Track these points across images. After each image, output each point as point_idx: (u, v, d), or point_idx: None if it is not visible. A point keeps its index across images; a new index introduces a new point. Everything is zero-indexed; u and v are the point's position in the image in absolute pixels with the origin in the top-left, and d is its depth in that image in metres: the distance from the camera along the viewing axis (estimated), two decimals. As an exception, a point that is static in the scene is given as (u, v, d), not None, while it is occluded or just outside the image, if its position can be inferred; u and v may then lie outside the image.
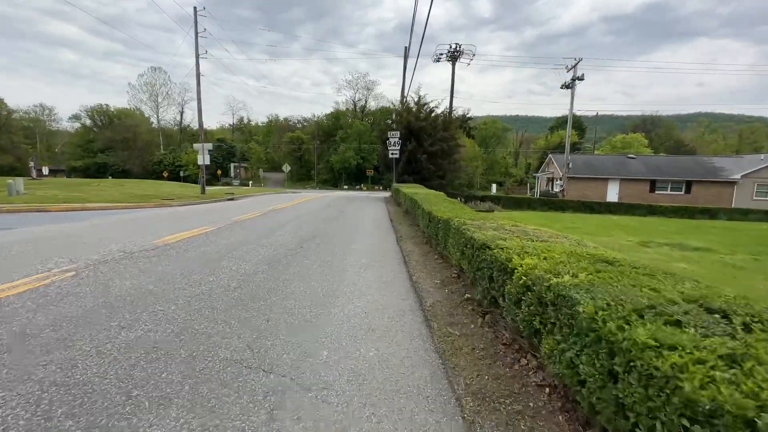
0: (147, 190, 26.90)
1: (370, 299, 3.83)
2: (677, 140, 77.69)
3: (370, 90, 68.31)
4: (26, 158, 65.87)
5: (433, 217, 6.32)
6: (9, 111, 75.12)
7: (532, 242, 3.24)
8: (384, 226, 9.68)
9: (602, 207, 21.99)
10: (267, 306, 3.50)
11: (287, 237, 7.23)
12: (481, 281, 3.19)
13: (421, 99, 21.92)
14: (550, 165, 38.07)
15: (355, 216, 11.74)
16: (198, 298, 3.61)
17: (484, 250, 3.16)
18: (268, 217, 10.46)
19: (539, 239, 3.41)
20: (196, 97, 26.89)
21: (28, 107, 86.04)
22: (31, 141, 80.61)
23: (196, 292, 3.78)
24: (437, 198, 9.88)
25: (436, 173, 20.46)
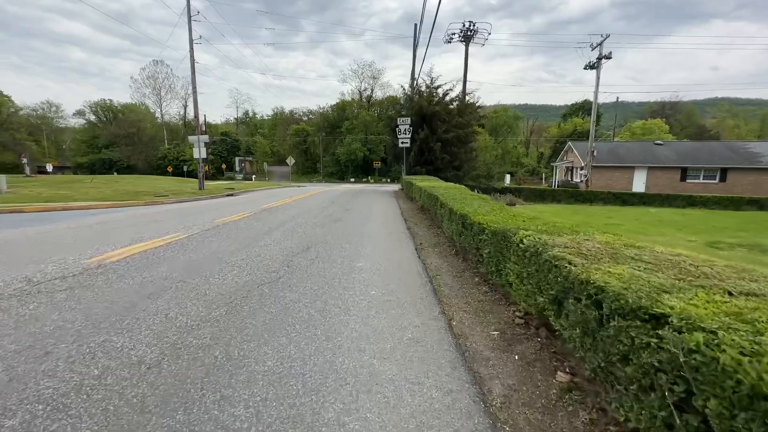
0: (142, 186, 25.55)
1: (388, 395, 2.08)
2: (699, 125, 74.03)
3: (377, 79, 66.02)
4: (29, 155, 65.39)
5: (469, 222, 4.54)
6: (16, 108, 74.93)
7: (733, 301, 1.47)
8: (397, 230, 7.91)
9: (635, 198, 19.89)
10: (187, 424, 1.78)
11: (272, 250, 5.51)
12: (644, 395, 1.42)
13: (433, 81, 20.05)
14: (570, 153, 35.74)
15: (361, 215, 9.99)
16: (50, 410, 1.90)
17: (657, 334, 1.37)
18: (258, 219, 8.76)
19: (741, 292, 1.61)
20: (193, 87, 25.24)
21: (35, 104, 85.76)
22: (34, 138, 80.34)
23: (56, 391, 2.07)
24: (462, 193, 8.07)
25: (452, 164, 18.54)
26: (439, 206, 7.09)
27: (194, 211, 10.45)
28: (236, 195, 20.38)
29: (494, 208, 5.39)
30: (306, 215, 9.49)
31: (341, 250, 5.60)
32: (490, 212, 4.82)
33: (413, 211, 11.15)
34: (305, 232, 7.03)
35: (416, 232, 7.61)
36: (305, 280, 4.06)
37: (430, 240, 6.82)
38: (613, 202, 19.70)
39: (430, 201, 8.32)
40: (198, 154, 23.04)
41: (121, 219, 8.80)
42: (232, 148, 73.55)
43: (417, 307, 3.44)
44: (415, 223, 8.90)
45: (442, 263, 5.15)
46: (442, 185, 10.68)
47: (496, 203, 6.13)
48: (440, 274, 4.62)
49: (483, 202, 6.25)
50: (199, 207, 12.09)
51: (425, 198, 9.16)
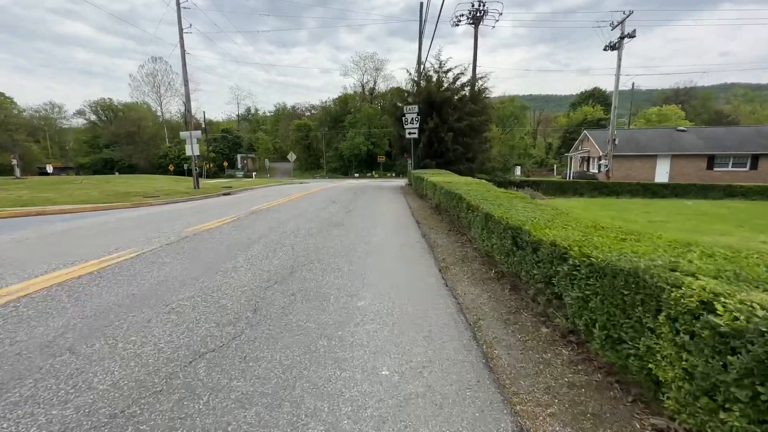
0: (135, 186, 24.24)
1: None
2: (717, 111, 71.10)
3: (379, 70, 64.07)
4: (29, 156, 64.72)
5: (529, 239, 2.95)
6: (19, 109, 74.37)
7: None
8: (410, 238, 6.34)
9: (666, 190, 18.06)
10: None
11: (240, 278, 3.98)
12: None
13: (442, 64, 18.19)
14: (585, 142, 33.75)
15: (366, 218, 8.43)
16: None
17: None
18: (240, 226, 7.24)
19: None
20: (184, 79, 23.77)
21: (38, 105, 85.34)
22: (36, 139, 79.88)
23: None
24: (489, 190, 6.48)
25: (465, 155, 16.78)
26: (465, 208, 5.49)
27: (174, 216, 8.97)
28: (233, 194, 19.07)
29: (553, 213, 3.80)
30: (299, 219, 7.94)
31: (337, 276, 4.04)
32: (554, 222, 3.24)
33: (425, 211, 9.56)
34: (293, 245, 5.48)
35: (434, 240, 6.03)
36: (273, 344, 2.51)
37: (455, 253, 5.24)
38: (642, 194, 17.92)
39: (450, 201, 6.73)
40: (191, 150, 21.61)
41: (89, 226, 7.36)
42: (234, 145, 72.39)
43: (467, 411, 1.87)
44: (430, 227, 7.31)
45: (481, 295, 3.57)
46: (459, 180, 9.07)
47: (549, 206, 4.53)
48: (483, 317, 3.04)
49: (528, 204, 4.66)
50: (184, 209, 10.65)
51: (442, 197, 7.56)
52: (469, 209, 5.17)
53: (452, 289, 3.71)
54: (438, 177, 10.54)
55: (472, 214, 5.03)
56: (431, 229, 7.10)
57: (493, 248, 3.93)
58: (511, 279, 3.77)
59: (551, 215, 3.61)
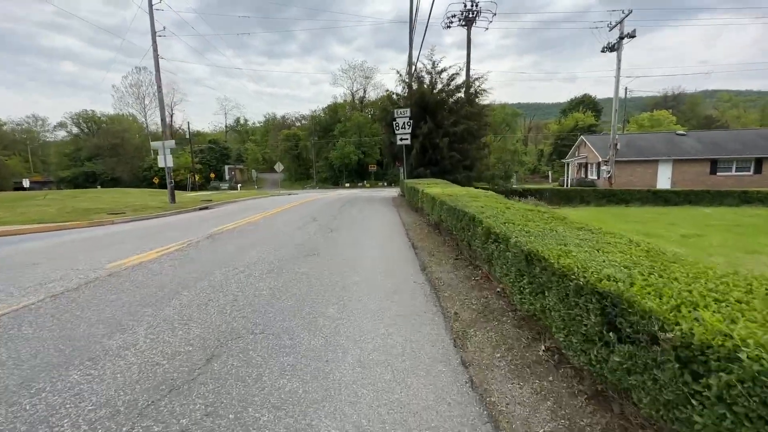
0: (103, 202, 22.38)
1: None
2: (706, 116, 71.43)
3: (369, 78, 63.06)
4: (5, 171, 62.07)
5: (676, 342, 1.34)
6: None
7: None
8: (405, 273, 4.76)
9: (678, 197, 16.78)
10: None
11: (109, 384, 2.30)
12: None
13: (435, 65, 16.39)
14: (583, 148, 32.71)
15: (348, 244, 6.80)
16: None
17: None
18: (184, 259, 5.57)
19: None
20: (158, 85, 22.14)
21: (20, 118, 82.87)
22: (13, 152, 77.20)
23: None
24: (506, 206, 4.93)
25: (462, 163, 15.13)
26: (482, 236, 3.91)
27: (115, 240, 7.27)
28: (211, 208, 17.43)
29: (644, 254, 2.25)
30: (266, 245, 6.29)
31: (285, 368, 2.40)
32: (670, 275, 1.68)
33: (422, 230, 7.98)
34: (237, 295, 3.82)
35: (438, 277, 4.44)
36: None
37: (471, 301, 3.64)
38: (653, 201, 16.63)
39: (456, 221, 5.15)
40: (163, 161, 19.82)
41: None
42: (222, 156, 70.56)
43: None
44: (430, 253, 5.72)
45: (535, 403, 1.96)
46: (462, 192, 7.51)
47: (612, 235, 2.98)
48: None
49: (579, 231, 3.12)
50: (138, 230, 9.00)
51: (444, 214, 5.98)
52: (491, 239, 3.59)
53: (485, 399, 2.09)
54: (436, 188, 8.99)
55: (495, 246, 3.45)
56: (431, 257, 5.51)
57: (550, 314, 2.34)
58: (575, 371, 2.18)
59: (648, 260, 2.06)
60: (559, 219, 3.93)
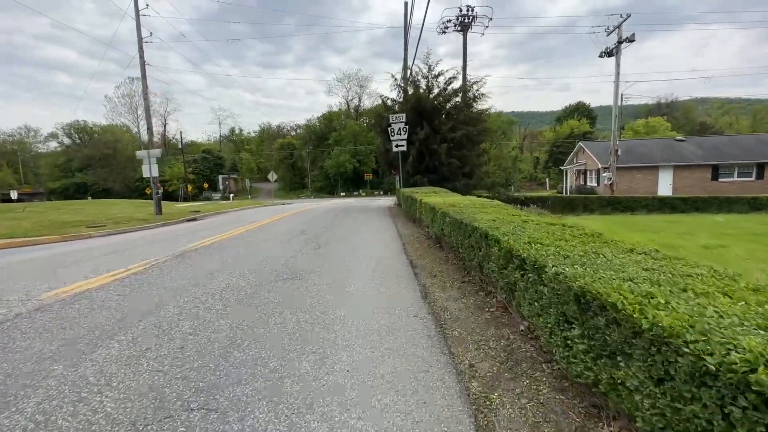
0: (86, 214, 21.46)
1: None
2: (701, 122, 71.79)
3: (364, 87, 62.76)
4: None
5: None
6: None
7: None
8: (402, 306, 3.94)
9: (685, 204, 16.13)
10: None
11: None
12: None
13: (432, 68, 15.58)
14: (581, 155, 32.22)
15: (337, 263, 5.97)
16: None
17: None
18: (139, 284, 4.71)
19: None
20: (144, 93, 21.42)
21: (12, 129, 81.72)
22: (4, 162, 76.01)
23: None
24: (522, 219, 4.15)
25: (461, 170, 14.31)
26: (501, 258, 3.10)
27: (78, 258, 6.40)
28: (199, 219, 16.61)
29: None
30: (239, 266, 5.43)
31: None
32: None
33: (421, 245, 7.16)
34: (186, 339, 2.95)
35: (443, 305, 3.62)
36: None
37: (488, 341, 2.82)
38: (659, 208, 15.97)
39: (463, 237, 4.34)
40: (148, 171, 18.93)
41: None
42: (216, 166, 69.71)
43: None
44: (431, 274, 4.91)
45: None
46: (465, 202, 6.72)
47: (677, 259, 2.18)
48: None
49: (641, 256, 2.32)
50: (111, 245, 8.21)
51: (448, 228, 5.16)
52: (513, 263, 2.77)
53: None
54: (435, 197, 8.21)
55: (520, 274, 2.64)
56: (433, 278, 4.68)
57: (630, 396, 1.51)
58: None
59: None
60: (595, 236, 3.13)
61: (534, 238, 2.97)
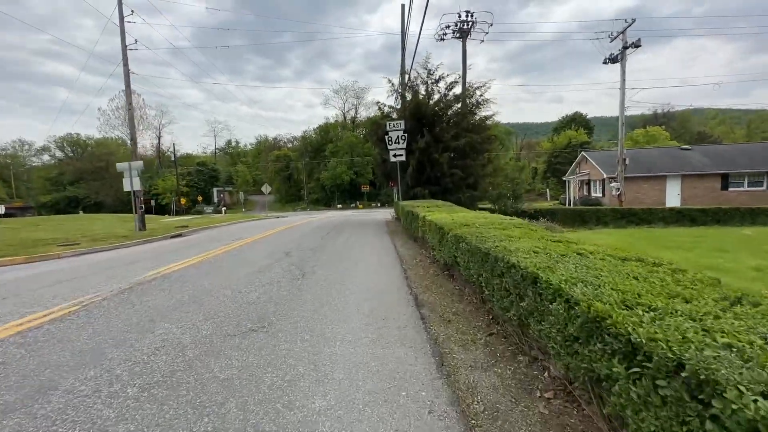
0: (64, 230, 20.27)
1: None
2: (700, 132, 71.62)
3: (360, 99, 62.21)
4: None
5: None
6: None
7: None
8: (409, 379, 2.72)
9: (706, 216, 15.02)
10: None
11: None
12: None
13: (431, 73, 14.34)
14: (584, 164, 31.31)
15: (322, 302, 4.76)
16: None
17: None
18: (56, 338, 3.46)
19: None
20: (127, 102, 20.41)
21: (6, 143, 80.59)
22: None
23: None
24: (572, 248, 2.96)
25: (465, 181, 13.16)
26: (575, 325, 1.89)
27: (5, 292, 5.11)
28: (185, 235, 15.50)
29: None
30: (193, 307, 4.20)
31: None
32: None
33: (425, 268, 5.96)
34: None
35: (471, 381, 2.39)
36: None
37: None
38: (678, 221, 14.87)
39: (491, 274, 3.13)
40: (129, 185, 17.74)
41: None
42: (210, 179, 68.58)
43: None
44: (444, 317, 3.70)
45: None
46: (478, 219, 5.54)
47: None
48: None
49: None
50: (71, 269, 7.12)
51: (467, 258, 3.93)
52: (610, 344, 1.56)
53: None
54: (441, 214, 7.02)
55: (624, 371, 1.43)
56: (448, 327, 3.47)
57: None
58: None
59: None
60: (700, 281, 1.95)
61: (627, 291, 1.79)
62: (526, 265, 2.51)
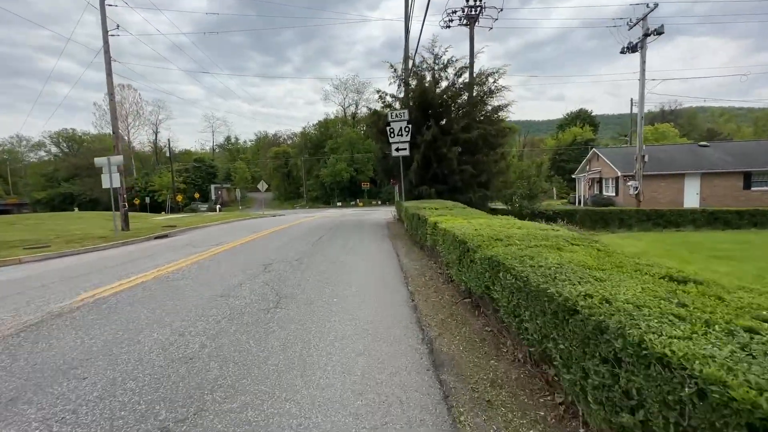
0: (39, 231, 19.03)
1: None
2: (709, 129, 69.96)
3: (361, 93, 60.56)
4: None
5: None
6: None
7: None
8: None
9: (741, 219, 13.52)
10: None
11: None
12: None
13: (439, 57, 12.58)
14: (595, 162, 29.81)
15: (295, 351, 3.33)
16: None
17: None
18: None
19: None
20: (109, 92, 18.96)
21: (4, 139, 79.27)
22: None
23: None
24: (719, 301, 1.54)
25: (476, 179, 11.65)
26: None
27: None
28: (171, 236, 14.27)
29: None
30: (108, 361, 2.81)
31: None
32: None
33: (438, 292, 4.56)
34: None
35: None
36: None
37: None
38: (710, 223, 13.43)
39: (579, 344, 1.74)
40: (108, 182, 16.29)
41: None
42: (208, 175, 67.18)
43: None
44: (483, 399, 2.28)
45: None
46: (508, 228, 4.13)
47: None
48: None
49: None
50: (16, 280, 5.55)
51: (515, 299, 2.56)
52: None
53: None
54: (456, 219, 5.61)
55: None
56: (488, 409, 2.06)
57: None
58: None
59: None
60: None
61: None
62: (698, 367, 1.10)
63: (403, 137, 10.89)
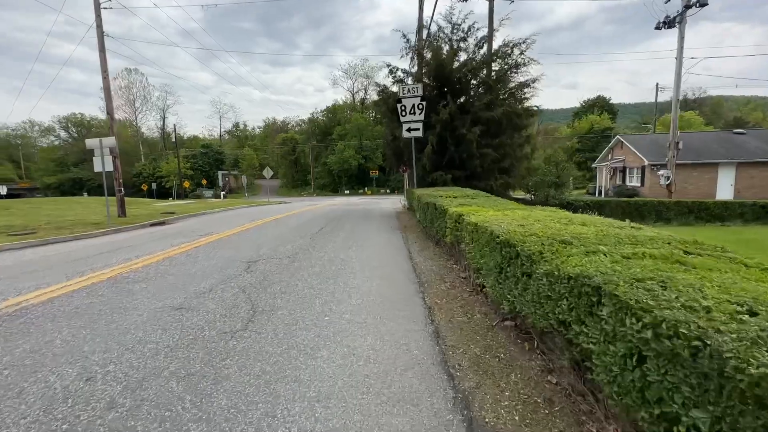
0: (32, 216, 18.12)
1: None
2: (736, 117, 66.57)
3: (371, 78, 58.58)
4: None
5: None
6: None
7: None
8: None
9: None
10: None
11: None
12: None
13: (456, 28, 10.97)
14: (619, 150, 27.95)
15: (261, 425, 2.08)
16: None
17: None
18: None
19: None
20: (102, 70, 17.81)
21: (17, 124, 79.58)
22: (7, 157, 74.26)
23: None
24: None
25: (499, 164, 10.28)
26: None
27: None
28: (169, 223, 13.50)
29: None
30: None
31: None
32: None
33: (465, 309, 3.37)
34: None
35: None
36: None
37: None
38: (761, 218, 11.89)
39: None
40: (100, 165, 15.30)
41: None
42: (215, 162, 66.48)
43: None
44: None
45: None
46: (559, 223, 2.91)
47: None
48: None
49: None
50: None
51: (620, 352, 1.39)
52: None
53: None
54: (488, 212, 4.39)
55: None
56: None
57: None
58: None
59: None
60: None
61: None
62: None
63: (416, 116, 9.55)
